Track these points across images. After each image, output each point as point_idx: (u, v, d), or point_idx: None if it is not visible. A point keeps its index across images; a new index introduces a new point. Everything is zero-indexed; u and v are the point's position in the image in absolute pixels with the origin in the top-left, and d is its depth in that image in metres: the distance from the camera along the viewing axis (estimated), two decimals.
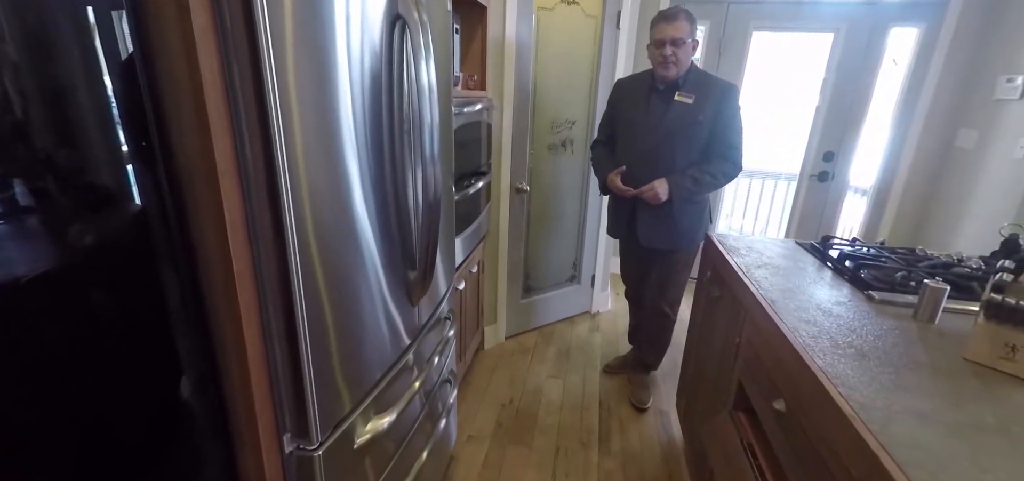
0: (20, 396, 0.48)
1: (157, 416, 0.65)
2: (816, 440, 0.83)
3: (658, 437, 1.96)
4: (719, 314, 1.51)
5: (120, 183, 0.59)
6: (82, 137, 0.53)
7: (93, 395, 0.55)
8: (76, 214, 0.52)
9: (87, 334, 0.54)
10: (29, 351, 0.49)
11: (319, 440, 0.85)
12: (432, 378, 1.37)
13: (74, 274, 0.52)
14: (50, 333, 0.50)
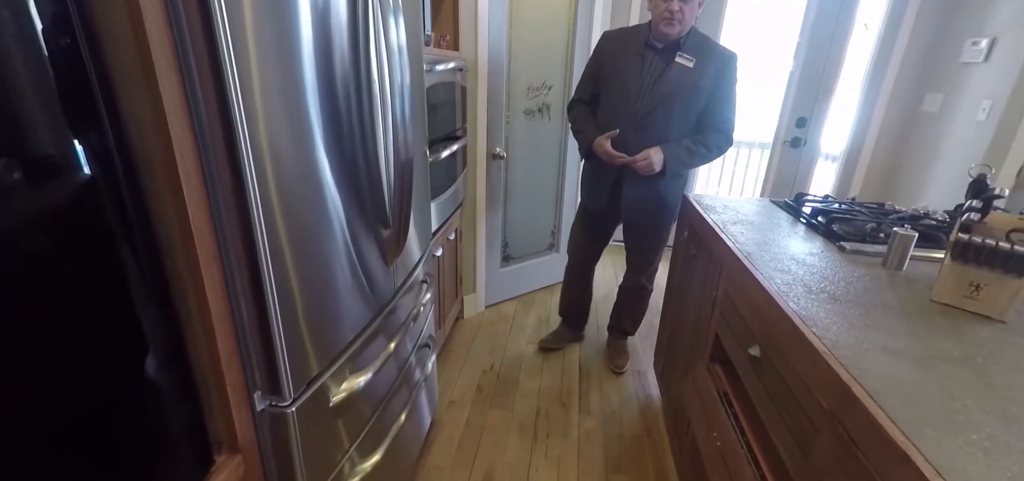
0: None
1: (120, 385, 0.61)
2: (790, 379, 0.85)
3: (636, 396, 2.00)
4: (696, 272, 1.53)
5: (65, 152, 0.53)
6: (18, 107, 0.47)
7: (52, 367, 0.51)
8: (17, 187, 0.47)
9: (41, 301, 0.49)
10: None
11: (292, 396, 0.82)
12: (410, 341, 1.35)
13: (23, 245, 0.47)
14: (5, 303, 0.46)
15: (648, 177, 1.69)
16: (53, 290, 0.51)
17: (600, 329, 2.45)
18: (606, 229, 2.02)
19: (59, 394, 0.53)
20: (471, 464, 1.61)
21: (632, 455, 1.68)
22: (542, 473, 1.59)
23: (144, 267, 0.62)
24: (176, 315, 0.68)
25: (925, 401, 0.65)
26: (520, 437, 1.75)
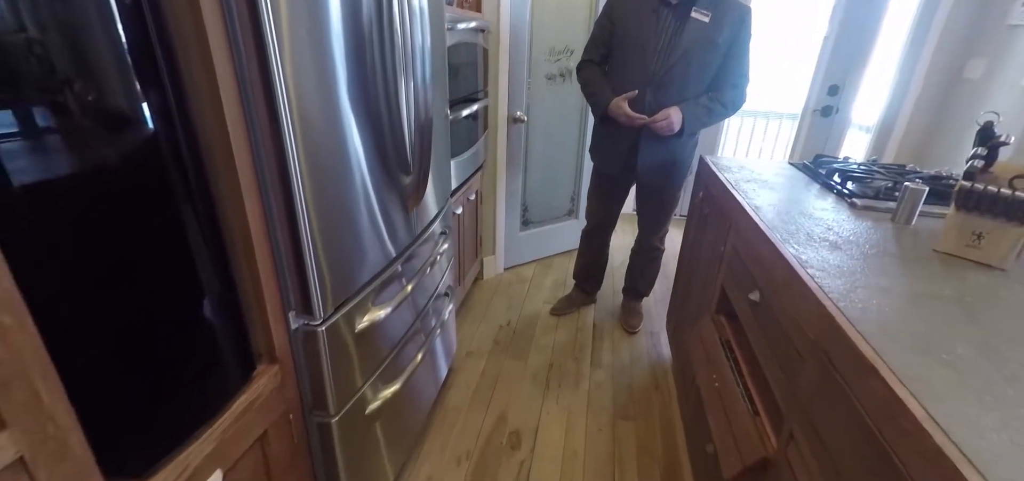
0: (59, 288, 0.53)
1: (182, 297, 0.71)
2: (783, 318, 0.89)
3: (648, 354, 2.06)
4: (708, 231, 1.56)
5: (133, 108, 0.61)
6: (97, 67, 0.56)
7: (125, 286, 0.60)
8: (96, 134, 0.56)
9: (115, 231, 0.58)
10: (66, 251, 0.54)
11: (322, 317, 0.92)
12: (428, 287, 1.44)
13: (99, 185, 0.57)
14: (86, 231, 0.55)
15: (665, 138, 1.71)
16: (128, 215, 0.61)
17: (616, 293, 2.50)
18: (620, 192, 2.05)
19: (135, 304, 0.63)
20: (486, 408, 1.72)
21: (640, 405, 1.75)
22: (553, 418, 1.68)
23: (198, 204, 0.71)
24: (223, 239, 0.78)
25: (904, 328, 0.69)
26: (533, 386, 1.84)
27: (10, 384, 0.46)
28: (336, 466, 1.04)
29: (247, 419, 0.82)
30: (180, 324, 0.71)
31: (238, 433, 0.80)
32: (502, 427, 1.63)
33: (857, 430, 0.63)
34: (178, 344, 0.71)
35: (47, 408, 0.49)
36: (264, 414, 0.86)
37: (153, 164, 0.64)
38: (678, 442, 1.59)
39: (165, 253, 0.67)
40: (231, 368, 0.83)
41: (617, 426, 1.66)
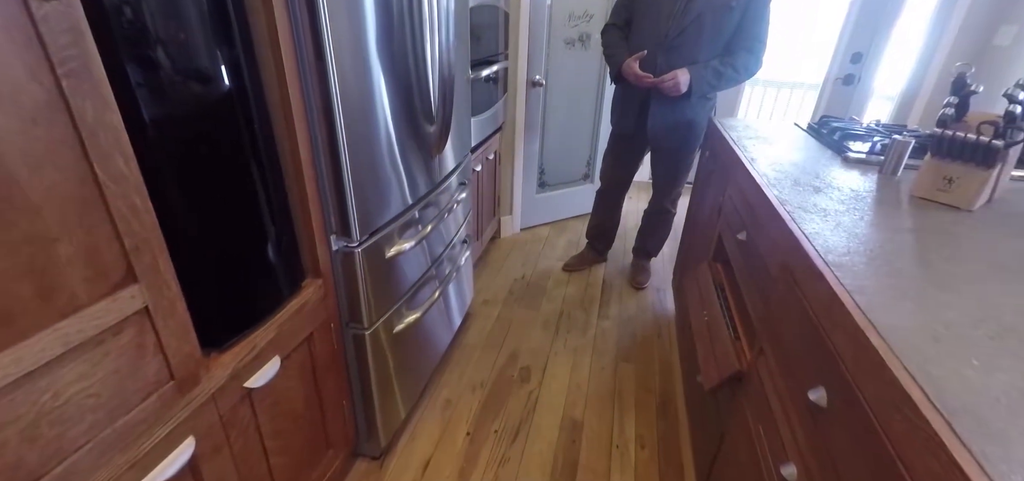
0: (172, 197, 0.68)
1: (248, 220, 0.86)
2: (762, 249, 1.00)
3: (652, 307, 2.18)
4: (711, 186, 1.65)
5: (213, 61, 0.75)
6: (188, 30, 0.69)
7: (209, 201, 0.76)
8: (188, 85, 0.70)
9: (202, 158, 0.73)
10: (171, 169, 0.68)
11: (358, 240, 1.07)
12: (448, 230, 1.58)
13: (191, 123, 0.71)
14: (184, 156, 0.70)
15: (675, 100, 1.78)
16: (212, 146, 0.75)
17: (626, 253, 2.61)
18: (635, 154, 2.13)
19: (217, 214, 0.78)
20: (499, 347, 1.88)
21: (641, 350, 1.88)
22: (560, 358, 1.83)
23: (260, 137, 0.85)
24: (278, 167, 0.92)
25: (859, 249, 0.79)
26: (543, 330, 1.99)
27: (140, 249, 0.62)
28: (368, 373, 1.21)
29: (297, 320, 0.98)
30: (251, 235, 0.87)
31: (291, 330, 0.96)
32: (513, 363, 1.79)
33: (807, 328, 0.74)
34: (247, 251, 0.87)
35: (163, 274, 0.65)
36: (310, 319, 1.02)
37: (230, 103, 0.78)
38: (675, 381, 1.73)
39: (238, 176, 0.82)
40: (285, 277, 0.99)
41: (619, 367, 1.80)
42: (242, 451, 0.86)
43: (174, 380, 0.70)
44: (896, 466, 0.50)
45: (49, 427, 0.55)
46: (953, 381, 0.51)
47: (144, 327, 0.64)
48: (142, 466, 0.66)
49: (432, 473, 1.34)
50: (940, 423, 0.46)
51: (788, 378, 0.80)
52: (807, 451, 0.70)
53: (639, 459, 1.42)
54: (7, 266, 0.48)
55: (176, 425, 0.70)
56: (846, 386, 0.61)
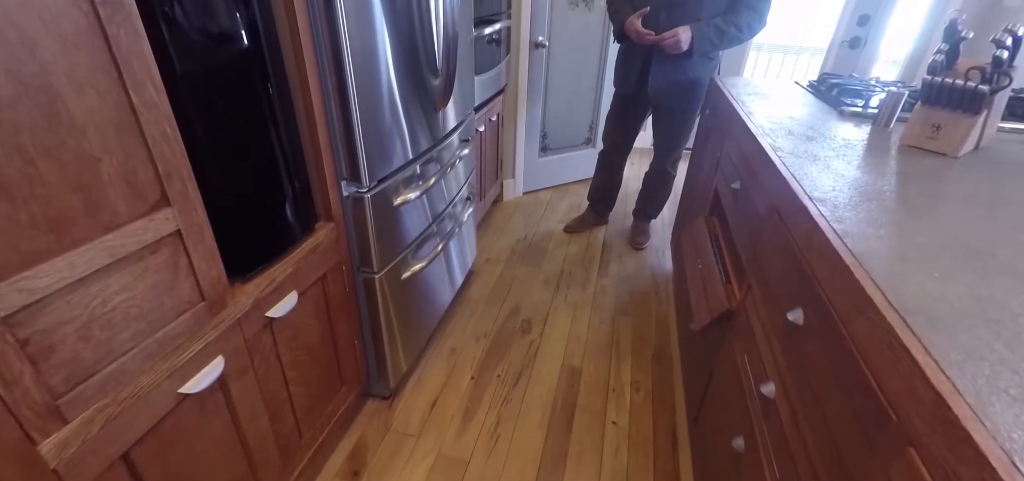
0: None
1: (264, 164, 0.91)
2: (754, 194, 1.04)
3: (651, 267, 2.24)
4: (710, 143, 1.68)
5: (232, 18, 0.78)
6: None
7: (231, 144, 0.80)
8: (208, 36, 0.73)
9: (225, 105, 0.77)
10: (198, 115, 0.73)
11: (367, 186, 1.12)
12: (452, 185, 1.63)
13: (213, 76, 0.75)
14: (206, 102, 0.74)
15: (676, 59, 1.79)
16: (233, 94, 0.79)
17: (626, 216, 2.66)
18: (637, 115, 2.15)
19: (238, 156, 0.83)
20: (502, 301, 1.95)
21: (638, 306, 1.95)
22: (560, 312, 1.90)
23: (276, 86, 0.89)
24: (293, 114, 0.96)
25: (842, 187, 0.84)
26: (544, 287, 2.05)
27: (172, 175, 0.67)
28: (378, 316, 1.28)
29: (312, 259, 1.04)
30: (268, 178, 0.92)
31: (306, 268, 1.02)
32: (515, 316, 1.86)
33: (788, 259, 0.80)
34: (265, 192, 0.92)
35: (192, 201, 0.71)
36: (324, 259, 1.08)
37: (247, 51, 0.81)
38: (670, 333, 1.80)
39: (254, 120, 0.87)
40: (299, 218, 1.04)
41: (617, 320, 1.87)
42: (265, 376, 0.93)
43: (205, 301, 0.76)
44: (857, 363, 0.55)
45: (100, 330, 0.61)
46: (913, 289, 0.56)
47: (177, 249, 0.70)
48: (180, 375, 0.72)
49: (439, 411, 1.43)
50: (896, 319, 0.51)
51: (770, 306, 0.86)
52: (784, 368, 0.76)
53: (634, 401, 1.50)
54: (59, 179, 0.54)
55: (207, 343, 0.77)
56: (819, 302, 0.67)
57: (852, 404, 0.56)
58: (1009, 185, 0.88)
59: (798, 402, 0.70)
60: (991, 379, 0.44)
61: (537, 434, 1.37)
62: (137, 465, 0.68)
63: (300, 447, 1.09)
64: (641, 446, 1.35)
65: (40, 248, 0.53)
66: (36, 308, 0.53)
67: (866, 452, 0.52)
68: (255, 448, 0.92)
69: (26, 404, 0.53)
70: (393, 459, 1.28)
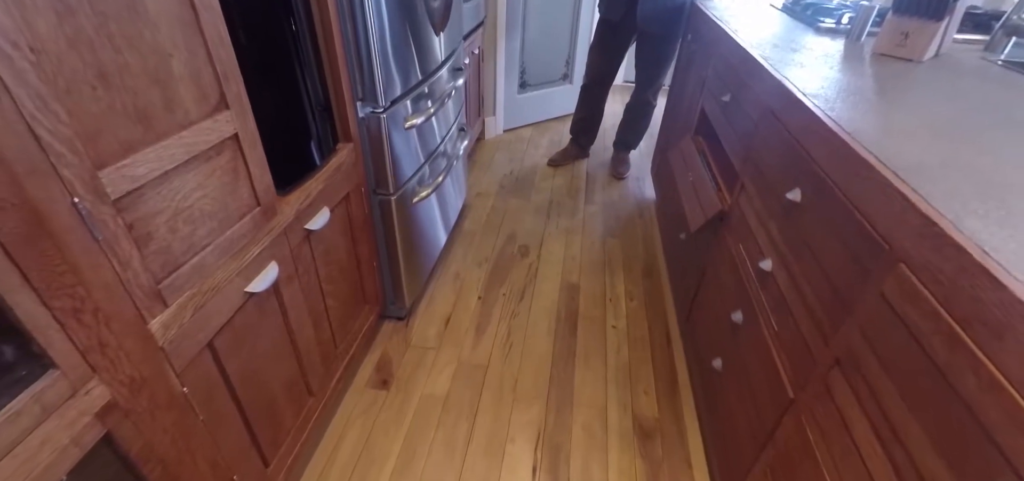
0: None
1: (294, 86, 0.91)
2: (744, 101, 1.15)
3: (633, 194, 2.36)
4: (693, 67, 1.77)
5: None
6: None
7: (265, 69, 0.80)
8: None
9: (255, 31, 0.77)
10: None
11: (382, 105, 1.14)
12: (450, 114, 1.65)
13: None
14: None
15: None
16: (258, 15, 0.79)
17: (607, 149, 2.75)
18: (621, 44, 2.19)
19: (269, 81, 0.83)
20: (498, 231, 2.03)
21: (625, 229, 2.08)
22: (554, 237, 2.00)
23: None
24: (313, 32, 0.96)
25: (830, 87, 0.95)
26: (536, 216, 2.14)
27: (228, 78, 0.68)
28: (394, 237, 1.33)
29: (337, 178, 1.07)
30: (296, 100, 0.93)
31: (333, 185, 1.05)
32: (512, 243, 1.95)
33: (784, 151, 0.91)
34: (294, 113, 0.94)
35: (245, 106, 0.73)
36: (347, 179, 1.11)
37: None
38: (656, 251, 1.94)
39: (280, 44, 0.87)
40: (324, 138, 1.06)
41: (607, 242, 1.99)
42: (307, 286, 0.98)
43: (260, 206, 0.79)
44: (853, 214, 0.67)
45: (183, 224, 0.64)
46: (899, 154, 0.68)
47: (236, 153, 0.72)
48: (245, 275, 0.76)
49: (453, 327, 1.52)
50: (889, 174, 0.63)
51: (766, 195, 0.98)
52: (781, 243, 0.89)
53: (629, 308, 1.64)
54: (142, 70, 0.55)
55: (263, 249, 0.81)
56: (816, 178, 0.78)
57: (848, 248, 0.68)
58: (964, 82, 1.02)
59: (796, 266, 0.83)
60: (964, 206, 0.56)
61: (546, 340, 1.49)
62: (220, 354, 0.73)
63: (336, 356, 1.16)
64: (639, 343, 1.50)
65: (134, 138, 0.55)
66: (136, 196, 0.56)
67: (861, 281, 0.64)
68: (303, 352, 0.98)
69: (137, 284, 0.57)
70: (417, 369, 1.37)
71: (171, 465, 0.64)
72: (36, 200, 0.45)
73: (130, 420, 0.57)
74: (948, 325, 0.49)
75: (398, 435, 1.19)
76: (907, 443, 0.53)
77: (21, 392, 0.46)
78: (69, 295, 0.48)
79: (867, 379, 0.61)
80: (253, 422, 0.84)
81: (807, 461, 0.73)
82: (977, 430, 0.45)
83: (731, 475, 1.00)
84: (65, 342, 0.49)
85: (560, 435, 1.22)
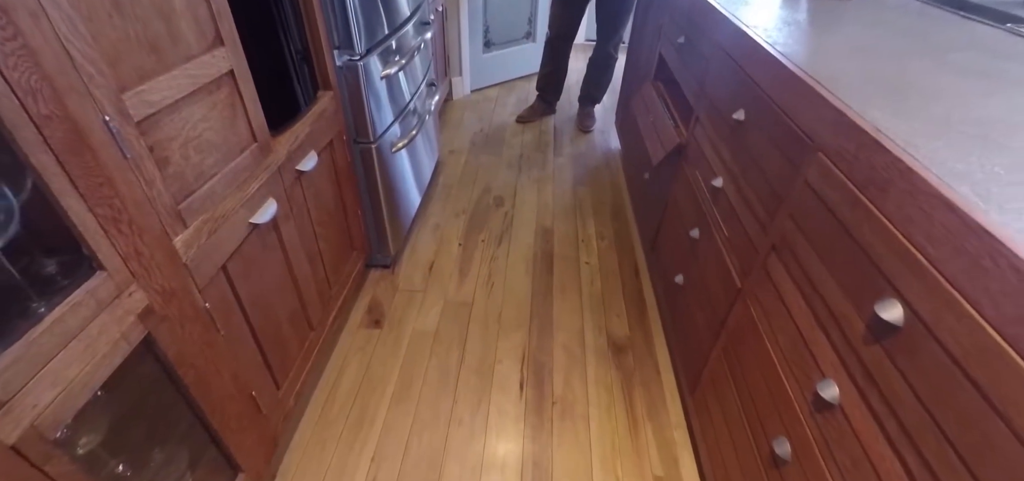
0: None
1: (276, 33, 0.93)
2: (700, 44, 1.25)
3: (599, 146, 2.48)
4: (650, 16, 1.86)
5: None
6: None
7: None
8: None
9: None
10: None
11: (359, 52, 1.18)
12: (420, 68, 1.69)
13: None
14: None
15: None
16: None
17: (572, 104, 2.84)
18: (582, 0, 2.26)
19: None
20: (473, 184, 2.10)
21: (593, 178, 2.20)
22: (526, 188, 2.09)
23: None
24: None
25: (773, 22, 1.06)
26: (508, 169, 2.22)
27: (221, 15, 0.72)
28: (376, 185, 1.38)
29: (321, 123, 1.11)
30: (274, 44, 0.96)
31: (317, 130, 1.10)
32: (487, 194, 2.03)
33: (732, 79, 1.02)
34: (278, 59, 0.97)
35: (237, 44, 0.77)
36: (329, 126, 1.16)
37: None
38: (623, 196, 2.07)
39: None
40: (307, 84, 1.10)
41: (577, 189, 2.10)
42: (301, 226, 1.04)
43: (257, 143, 0.84)
44: (784, 119, 0.79)
45: (194, 152, 0.69)
46: (825, 69, 0.80)
47: (233, 89, 0.77)
48: (249, 207, 0.82)
49: (437, 271, 1.60)
50: (814, 83, 0.75)
51: (717, 121, 1.10)
52: (730, 160, 1.01)
53: (600, 247, 1.77)
54: (149, 1, 0.59)
55: (262, 184, 0.86)
56: (758, 99, 0.90)
57: (780, 150, 0.81)
58: (885, 14, 1.16)
59: (741, 177, 0.96)
60: (869, 102, 0.68)
61: (525, 278, 1.60)
62: (232, 278, 0.79)
63: (331, 296, 1.22)
64: (611, 276, 1.64)
65: (148, 66, 0.60)
66: (153, 120, 0.61)
67: (791, 174, 0.77)
68: (302, 287, 1.05)
69: (160, 203, 0.62)
70: (407, 309, 1.45)
71: (202, 372, 0.71)
72: (76, 115, 0.50)
73: (165, 325, 0.63)
74: (851, 192, 0.62)
75: (395, 365, 1.28)
76: (824, 294, 0.67)
77: (78, 288, 0.52)
78: (108, 205, 0.54)
79: (796, 254, 0.75)
80: (264, 345, 0.90)
81: (752, 335, 0.87)
82: (870, 265, 0.58)
83: (692, 368, 1.15)
84: (109, 248, 0.54)
85: (543, 355, 1.34)
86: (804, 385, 0.70)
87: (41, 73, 0.46)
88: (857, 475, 0.58)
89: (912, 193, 0.52)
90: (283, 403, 1.00)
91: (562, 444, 1.14)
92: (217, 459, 0.84)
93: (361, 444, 1.11)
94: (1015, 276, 0.40)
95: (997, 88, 0.73)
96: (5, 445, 0.45)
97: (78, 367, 0.52)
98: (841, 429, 0.61)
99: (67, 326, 0.50)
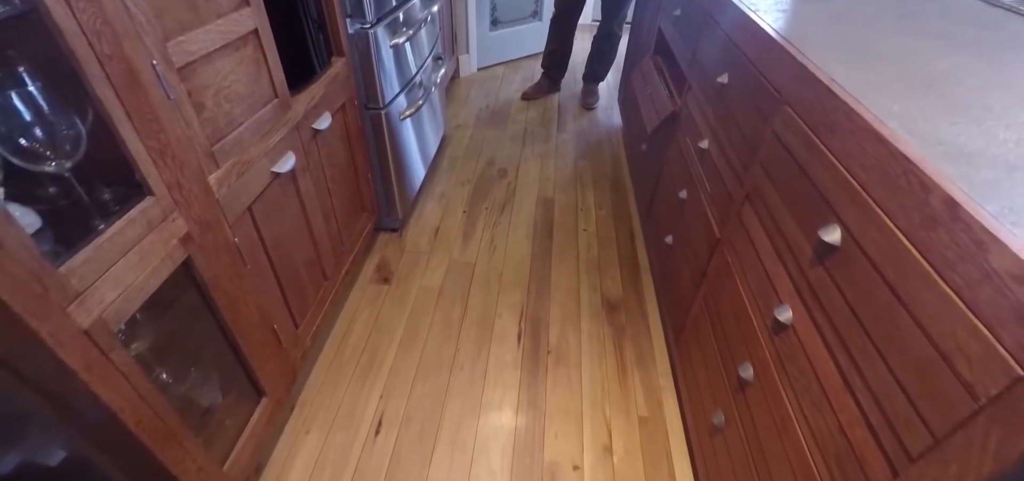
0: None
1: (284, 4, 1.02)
2: (691, 13, 1.31)
3: (602, 123, 2.53)
4: None
5: None
6: None
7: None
8: None
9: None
10: None
11: (370, 21, 1.26)
12: (427, 41, 1.76)
13: None
14: None
15: None
16: None
17: (577, 82, 2.89)
18: None
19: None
20: (477, 157, 2.18)
21: (594, 152, 2.26)
22: (529, 161, 2.16)
23: None
24: None
25: None
26: (512, 143, 2.30)
27: None
28: (385, 150, 1.47)
29: (334, 87, 1.20)
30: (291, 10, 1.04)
31: (331, 93, 1.18)
32: (491, 166, 2.11)
33: (720, 47, 1.08)
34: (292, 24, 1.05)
35: (261, 7, 0.85)
36: (342, 90, 1.24)
37: None
38: (623, 170, 2.14)
39: None
40: (321, 49, 1.18)
41: (578, 163, 2.17)
42: (317, 180, 1.13)
43: (278, 98, 0.93)
44: (760, 80, 0.86)
45: (225, 101, 0.78)
46: (800, 34, 0.86)
47: (257, 47, 0.85)
48: (271, 157, 0.91)
49: (442, 236, 1.69)
50: (787, 45, 0.81)
51: (705, 86, 1.17)
52: (714, 121, 1.08)
53: (598, 216, 1.84)
54: None
55: (282, 137, 0.95)
56: (740, 62, 0.96)
57: (755, 105, 0.87)
58: None
59: (723, 136, 1.02)
60: (833, 59, 0.75)
61: (525, 243, 1.69)
62: (257, 219, 0.88)
63: (344, 251, 1.32)
64: (607, 242, 1.71)
65: (186, 19, 0.68)
66: (191, 69, 0.70)
67: (762, 126, 0.84)
68: (317, 238, 1.14)
69: (197, 142, 0.71)
70: (413, 268, 1.55)
71: (232, 298, 0.80)
72: (131, 57, 0.59)
73: (202, 252, 0.73)
74: (807, 135, 0.69)
75: (402, 317, 1.38)
76: (784, 230, 0.74)
77: (132, 208, 0.61)
78: (156, 138, 0.63)
79: (764, 200, 0.82)
80: (285, 286, 1.00)
81: (728, 281, 0.95)
82: (818, 197, 0.65)
83: (678, 319, 1.23)
84: (157, 176, 0.63)
85: (540, 311, 1.43)
86: (766, 314, 0.77)
87: (104, 18, 0.54)
88: (803, 382, 0.66)
89: (853, 131, 0.59)
90: (301, 341, 1.10)
91: (556, 388, 1.23)
92: (244, 387, 0.94)
93: (371, 383, 1.21)
94: (921, 189, 0.48)
95: (953, 49, 0.79)
96: (80, 328, 0.55)
97: (133, 275, 0.61)
98: (792, 345, 0.69)
99: (126, 237, 0.60)
